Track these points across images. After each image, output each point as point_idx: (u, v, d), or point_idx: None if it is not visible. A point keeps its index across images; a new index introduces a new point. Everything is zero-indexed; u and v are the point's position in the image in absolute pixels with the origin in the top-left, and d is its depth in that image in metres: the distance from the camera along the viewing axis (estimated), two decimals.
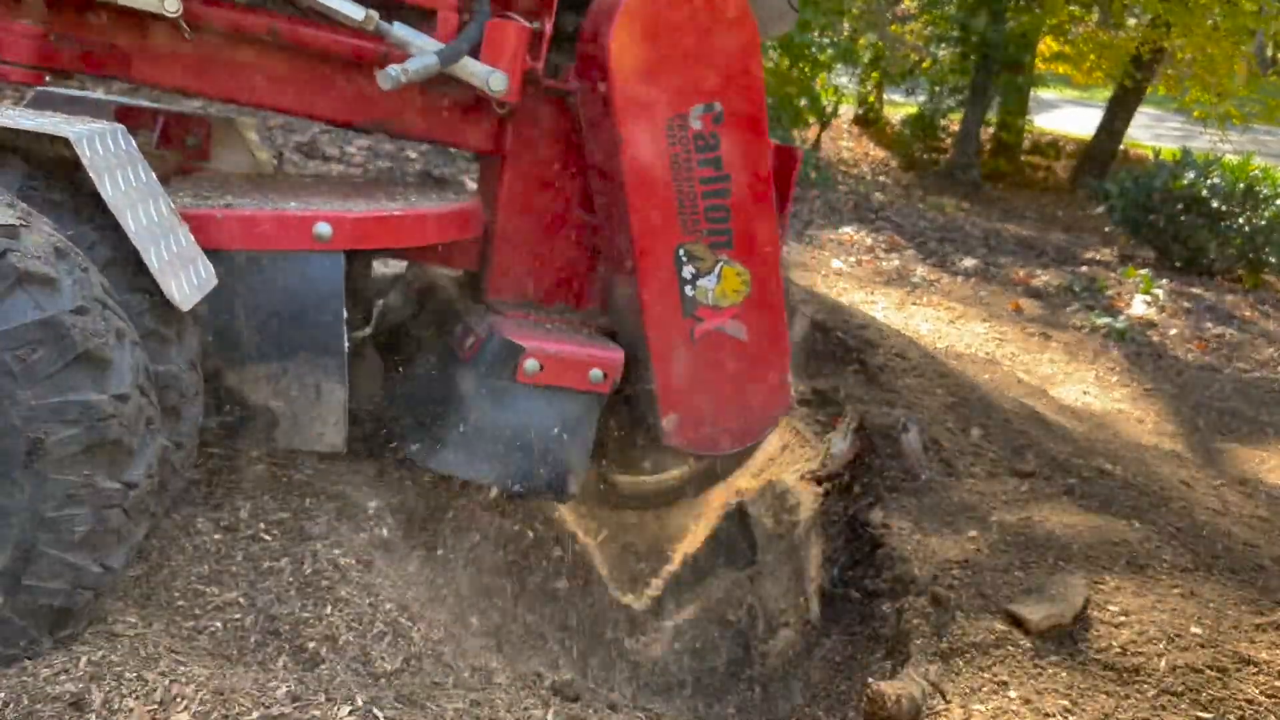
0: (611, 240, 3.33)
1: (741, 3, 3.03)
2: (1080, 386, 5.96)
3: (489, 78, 3.00)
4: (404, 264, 4.02)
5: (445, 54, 2.97)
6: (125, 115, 3.35)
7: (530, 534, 3.62)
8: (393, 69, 2.88)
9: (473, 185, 4.58)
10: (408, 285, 4.01)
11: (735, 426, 3.37)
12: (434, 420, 3.25)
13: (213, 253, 2.66)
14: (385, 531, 3.08)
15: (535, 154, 3.39)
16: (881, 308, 6.91)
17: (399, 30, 2.97)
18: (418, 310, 3.80)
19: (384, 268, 4.20)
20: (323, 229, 2.84)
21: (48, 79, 3.03)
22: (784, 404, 3.43)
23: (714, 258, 3.18)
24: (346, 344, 2.91)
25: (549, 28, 3.11)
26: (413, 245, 3.19)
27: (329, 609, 2.66)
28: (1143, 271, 8.83)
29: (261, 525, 2.97)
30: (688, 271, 3.18)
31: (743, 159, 3.14)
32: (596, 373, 3.15)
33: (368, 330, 3.92)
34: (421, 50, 2.97)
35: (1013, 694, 2.57)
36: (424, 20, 3.07)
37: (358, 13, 2.90)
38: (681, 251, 3.16)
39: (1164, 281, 8.67)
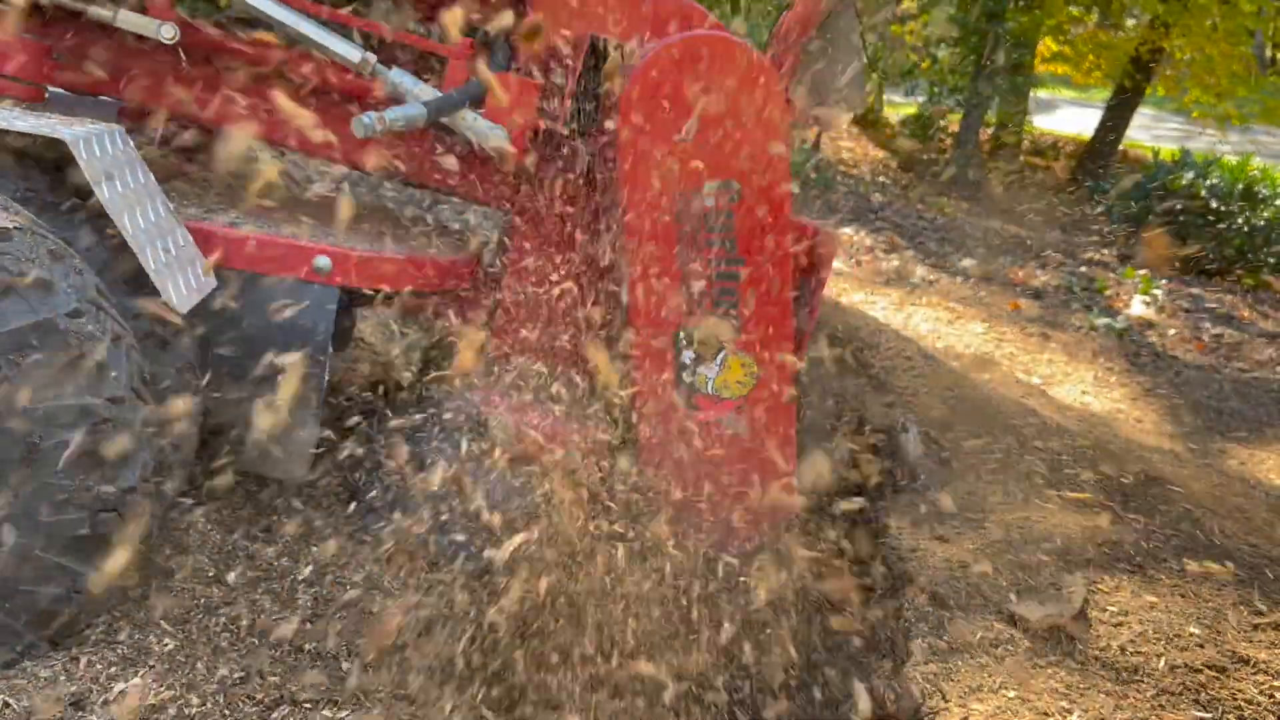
0: (615, 311, 3.11)
1: (771, 77, 2.82)
2: (1079, 386, 5.95)
3: (489, 133, 2.89)
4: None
5: (435, 105, 2.84)
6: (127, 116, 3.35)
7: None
8: (368, 117, 2.74)
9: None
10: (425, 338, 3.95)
11: (728, 527, 3.08)
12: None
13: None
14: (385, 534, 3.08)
15: (549, 211, 3.22)
16: (881, 308, 6.90)
17: (395, 76, 2.88)
18: (424, 367, 3.67)
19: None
20: (322, 262, 2.82)
21: (48, 95, 3.03)
22: (787, 509, 3.11)
23: (719, 344, 2.97)
24: (326, 378, 2.90)
25: (572, 83, 2.96)
26: (413, 289, 3.07)
27: (328, 610, 2.66)
28: (1141, 272, 8.82)
29: (261, 527, 2.98)
30: (687, 356, 2.95)
31: (759, 242, 2.91)
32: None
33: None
34: (417, 98, 2.86)
35: (1012, 694, 2.57)
36: (437, 67, 2.99)
37: (354, 55, 2.85)
38: (682, 335, 2.94)
39: (1163, 282, 8.66)
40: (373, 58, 2.88)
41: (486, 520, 2.82)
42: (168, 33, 2.83)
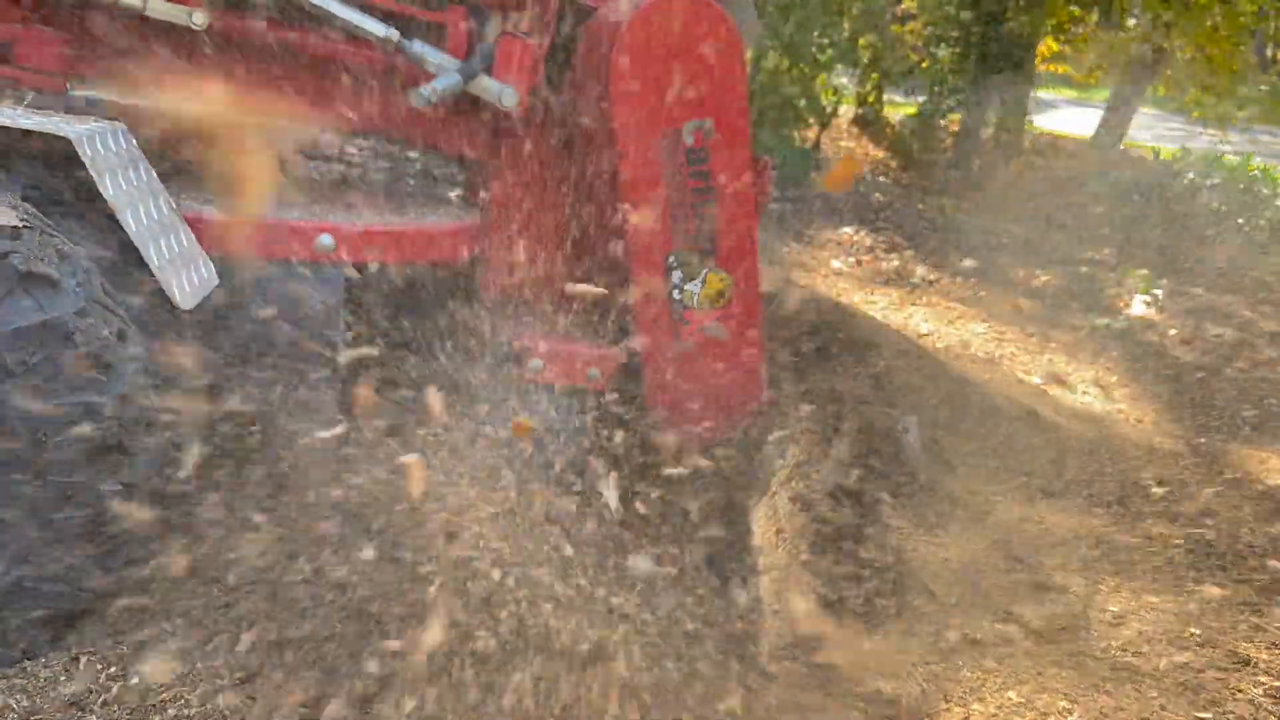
0: (605, 245, 3.48)
1: (732, 27, 3.24)
2: (1079, 386, 5.95)
3: (501, 93, 3.14)
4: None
5: (466, 71, 3.09)
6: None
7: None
8: (424, 89, 3.04)
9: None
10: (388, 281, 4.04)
11: (715, 417, 3.62)
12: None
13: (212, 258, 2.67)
14: (387, 529, 3.08)
15: (528, 160, 3.51)
16: (881, 308, 6.91)
17: (417, 47, 3.06)
18: (400, 307, 3.83)
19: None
20: (325, 240, 2.85)
21: (70, 86, 3.03)
22: (758, 396, 3.68)
23: (700, 264, 3.43)
24: (342, 356, 2.91)
25: (547, 42, 3.26)
26: (416, 261, 3.22)
27: (331, 608, 2.66)
28: (1142, 272, 8.82)
29: (263, 525, 2.97)
30: (676, 277, 3.43)
31: (729, 171, 3.37)
32: (594, 371, 3.37)
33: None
34: (440, 67, 3.08)
35: (1012, 694, 2.57)
36: (435, 35, 3.17)
37: (380, 30, 3.00)
38: (672, 258, 3.40)
39: (1163, 281, 8.65)
40: (396, 33, 3.02)
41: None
42: (199, 19, 2.87)
